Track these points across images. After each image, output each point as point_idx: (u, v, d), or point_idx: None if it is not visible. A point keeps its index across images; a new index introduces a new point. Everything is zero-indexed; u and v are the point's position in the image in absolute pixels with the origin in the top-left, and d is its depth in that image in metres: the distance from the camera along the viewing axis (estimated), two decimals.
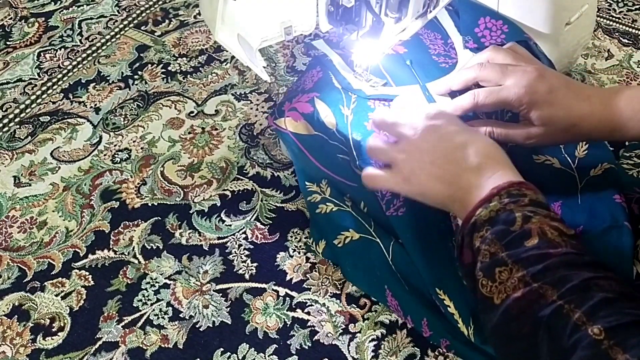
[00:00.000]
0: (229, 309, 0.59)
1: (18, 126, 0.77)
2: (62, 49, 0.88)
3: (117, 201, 0.68)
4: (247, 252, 0.63)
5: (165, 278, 0.62)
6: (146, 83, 0.82)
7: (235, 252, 0.63)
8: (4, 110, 0.79)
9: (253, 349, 0.56)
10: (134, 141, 0.75)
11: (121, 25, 0.91)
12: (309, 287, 0.60)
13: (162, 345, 0.57)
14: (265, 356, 0.56)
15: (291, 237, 0.64)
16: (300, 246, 0.63)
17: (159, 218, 0.67)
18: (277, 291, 0.60)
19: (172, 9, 0.93)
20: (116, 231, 0.66)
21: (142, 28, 0.91)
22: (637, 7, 0.89)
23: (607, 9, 0.89)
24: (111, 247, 0.64)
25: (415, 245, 0.56)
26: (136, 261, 0.63)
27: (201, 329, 0.58)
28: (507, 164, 0.47)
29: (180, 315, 0.59)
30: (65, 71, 0.84)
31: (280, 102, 0.67)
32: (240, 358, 0.56)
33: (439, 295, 0.53)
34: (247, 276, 0.61)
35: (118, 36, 0.89)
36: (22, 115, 0.79)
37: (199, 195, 0.69)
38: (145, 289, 0.61)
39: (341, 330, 0.57)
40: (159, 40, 0.88)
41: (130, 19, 0.92)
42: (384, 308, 0.58)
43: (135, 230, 0.66)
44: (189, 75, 0.83)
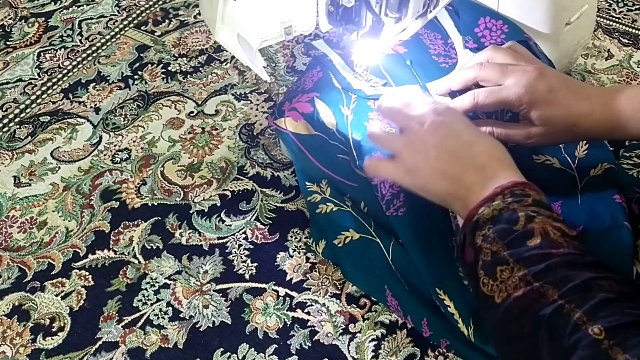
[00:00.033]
0: (229, 309, 0.59)
1: (18, 126, 0.77)
2: (62, 49, 0.88)
3: (117, 201, 0.68)
4: (247, 252, 0.63)
5: (165, 278, 0.62)
6: (146, 83, 0.82)
7: (235, 252, 0.63)
8: (4, 110, 0.79)
9: (253, 349, 0.56)
10: (134, 141, 0.75)
11: (121, 25, 0.91)
12: (309, 287, 0.60)
13: (162, 345, 0.57)
14: (265, 356, 0.56)
15: (291, 237, 0.64)
16: (300, 246, 0.63)
17: (159, 218, 0.67)
18: (277, 291, 0.60)
19: (172, 9, 0.93)
20: (116, 231, 0.66)
21: (142, 28, 0.91)
22: (637, 7, 0.89)
23: (607, 9, 0.89)
24: (111, 247, 0.64)
25: (415, 245, 0.56)
26: (136, 261, 0.63)
27: (201, 329, 0.58)
28: (511, 166, 0.47)
29: (180, 315, 0.59)
30: (65, 71, 0.84)
31: (280, 102, 0.67)
32: (240, 358, 0.56)
33: (439, 295, 0.53)
34: (247, 276, 0.61)
35: (118, 36, 0.89)
36: (22, 115, 0.79)
37: (199, 195, 0.69)
38: (145, 289, 0.61)
39: (341, 330, 0.57)
40: (159, 40, 0.88)
41: (130, 19, 0.92)
42: (384, 308, 0.58)
43: (135, 230, 0.66)
44: (189, 75, 0.83)
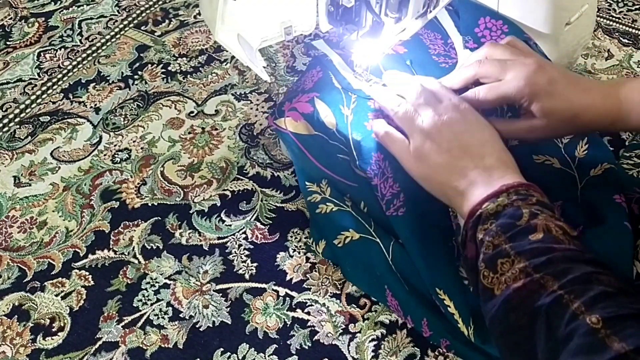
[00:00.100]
0: (229, 309, 0.59)
1: (18, 126, 0.77)
2: (62, 49, 0.88)
3: (117, 201, 0.68)
4: (247, 252, 0.63)
5: (165, 278, 0.62)
6: (146, 83, 0.82)
7: (235, 252, 0.63)
8: (4, 110, 0.79)
9: (253, 349, 0.56)
10: (134, 141, 0.75)
11: (121, 25, 0.91)
12: (309, 287, 0.60)
13: (162, 345, 0.57)
14: (265, 356, 0.56)
15: (291, 237, 0.64)
16: (300, 246, 0.63)
17: (159, 218, 0.67)
18: (277, 291, 0.60)
19: (172, 9, 0.93)
20: (116, 231, 0.66)
21: (142, 28, 0.91)
22: (637, 7, 0.89)
23: (607, 9, 0.89)
24: (111, 247, 0.64)
25: (415, 245, 0.56)
26: (136, 261, 0.63)
27: (201, 329, 0.58)
28: (517, 171, 0.49)
29: (180, 315, 0.59)
30: (65, 71, 0.84)
31: (280, 102, 0.67)
32: (240, 358, 0.56)
33: (439, 295, 0.53)
34: (247, 276, 0.61)
35: (118, 36, 0.89)
36: (22, 115, 0.79)
37: (199, 195, 0.68)
38: (145, 289, 0.61)
39: (341, 330, 0.57)
40: (159, 40, 0.88)
41: (130, 19, 0.92)
42: (384, 308, 0.58)
43: (135, 230, 0.66)
44: (189, 75, 0.83)
